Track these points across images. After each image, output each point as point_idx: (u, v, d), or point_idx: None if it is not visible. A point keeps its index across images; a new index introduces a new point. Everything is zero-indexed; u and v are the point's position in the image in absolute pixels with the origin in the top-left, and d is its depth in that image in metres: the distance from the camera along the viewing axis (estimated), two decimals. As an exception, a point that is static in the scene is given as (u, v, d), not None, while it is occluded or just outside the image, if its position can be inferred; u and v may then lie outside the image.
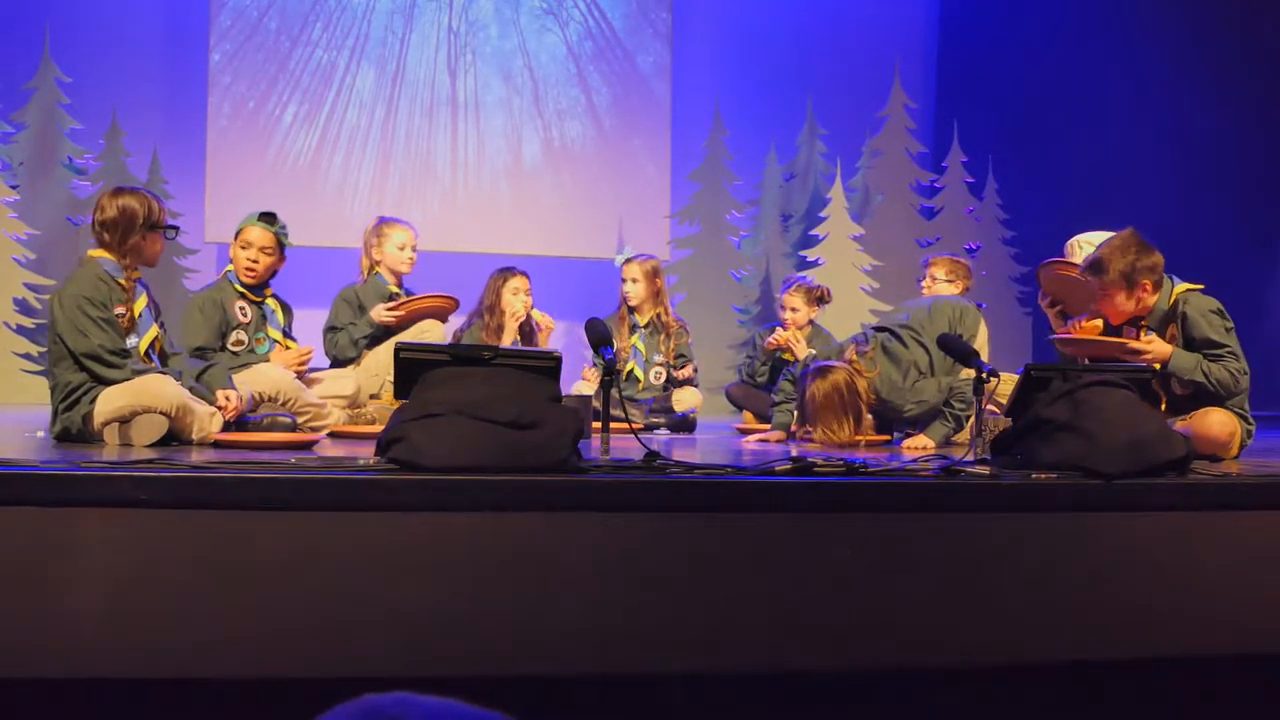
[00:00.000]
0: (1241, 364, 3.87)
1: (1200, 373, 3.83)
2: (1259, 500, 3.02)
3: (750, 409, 5.93)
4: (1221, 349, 3.86)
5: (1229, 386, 3.83)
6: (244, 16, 7.76)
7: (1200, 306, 3.90)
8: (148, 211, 3.81)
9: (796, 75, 8.63)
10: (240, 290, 4.52)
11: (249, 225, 4.54)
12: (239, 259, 4.53)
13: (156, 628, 2.46)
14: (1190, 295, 3.94)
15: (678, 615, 2.65)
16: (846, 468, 2.96)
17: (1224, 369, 3.84)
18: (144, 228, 3.80)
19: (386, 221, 5.36)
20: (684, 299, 8.18)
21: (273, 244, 4.52)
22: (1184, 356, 3.84)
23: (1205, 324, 3.87)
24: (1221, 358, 3.85)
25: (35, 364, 6.96)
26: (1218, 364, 3.84)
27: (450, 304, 5.20)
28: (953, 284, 5.64)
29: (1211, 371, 3.83)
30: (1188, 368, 3.83)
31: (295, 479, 2.59)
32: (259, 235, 4.51)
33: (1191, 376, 3.82)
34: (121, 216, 3.79)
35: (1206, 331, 3.86)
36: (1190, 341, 3.90)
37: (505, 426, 2.74)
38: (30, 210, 7.32)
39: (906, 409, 4.48)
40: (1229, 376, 3.83)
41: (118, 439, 3.56)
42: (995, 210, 8.57)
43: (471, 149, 8.09)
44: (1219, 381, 3.82)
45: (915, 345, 4.51)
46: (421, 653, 2.54)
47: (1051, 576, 2.86)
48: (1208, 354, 3.86)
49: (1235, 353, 3.87)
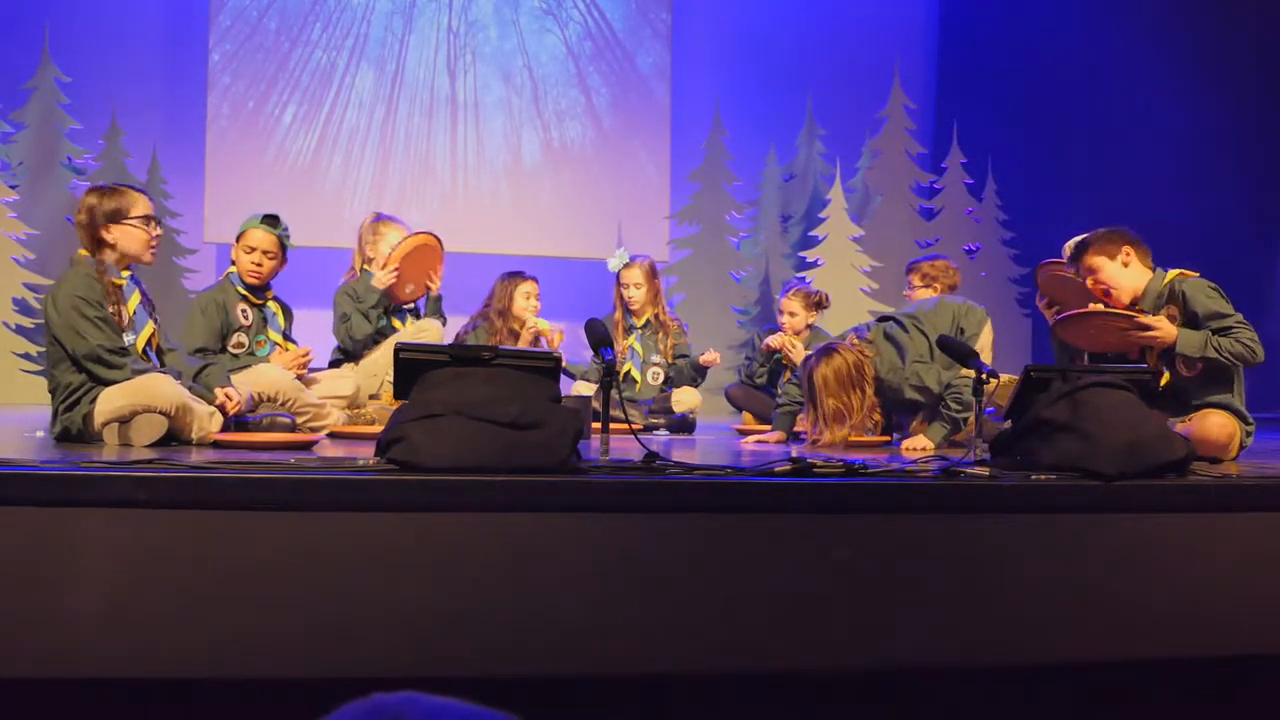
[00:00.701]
0: (1252, 332, 3.74)
1: (1210, 348, 3.71)
2: (1259, 501, 3.02)
3: (750, 409, 5.93)
4: (1228, 318, 3.75)
5: (1246, 357, 3.72)
6: (244, 17, 7.76)
7: (1198, 284, 3.85)
8: (103, 205, 3.77)
9: (796, 76, 8.64)
10: (242, 293, 4.52)
11: (252, 228, 4.52)
12: (243, 262, 4.51)
13: (156, 628, 2.46)
14: (1185, 278, 3.92)
15: (677, 615, 2.65)
16: (846, 469, 2.96)
17: (1234, 340, 3.71)
18: (105, 221, 3.76)
19: (384, 219, 5.35)
20: (684, 299, 8.18)
21: (276, 247, 4.52)
22: (1190, 335, 3.75)
23: (1205, 297, 3.78)
24: (1231, 329, 3.73)
25: (35, 364, 6.97)
26: (1227, 337, 3.73)
27: (431, 239, 5.17)
28: (929, 288, 5.61)
29: (1222, 346, 3.72)
30: (1196, 344, 3.72)
31: (295, 479, 2.59)
32: (262, 238, 4.50)
33: (1202, 354, 3.71)
34: (85, 215, 3.79)
35: (1209, 304, 3.77)
36: (1192, 318, 3.81)
37: (505, 427, 2.74)
38: (30, 210, 7.33)
39: (906, 392, 4.45)
40: (1242, 347, 3.70)
41: (117, 439, 3.56)
42: (995, 211, 8.57)
43: (471, 149, 8.09)
44: (1232, 354, 3.71)
45: (917, 334, 4.50)
46: (421, 653, 2.54)
47: (1051, 577, 2.86)
48: (1214, 327, 3.76)
49: (1244, 321, 3.75)
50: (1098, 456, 2.96)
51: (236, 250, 4.55)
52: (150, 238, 3.85)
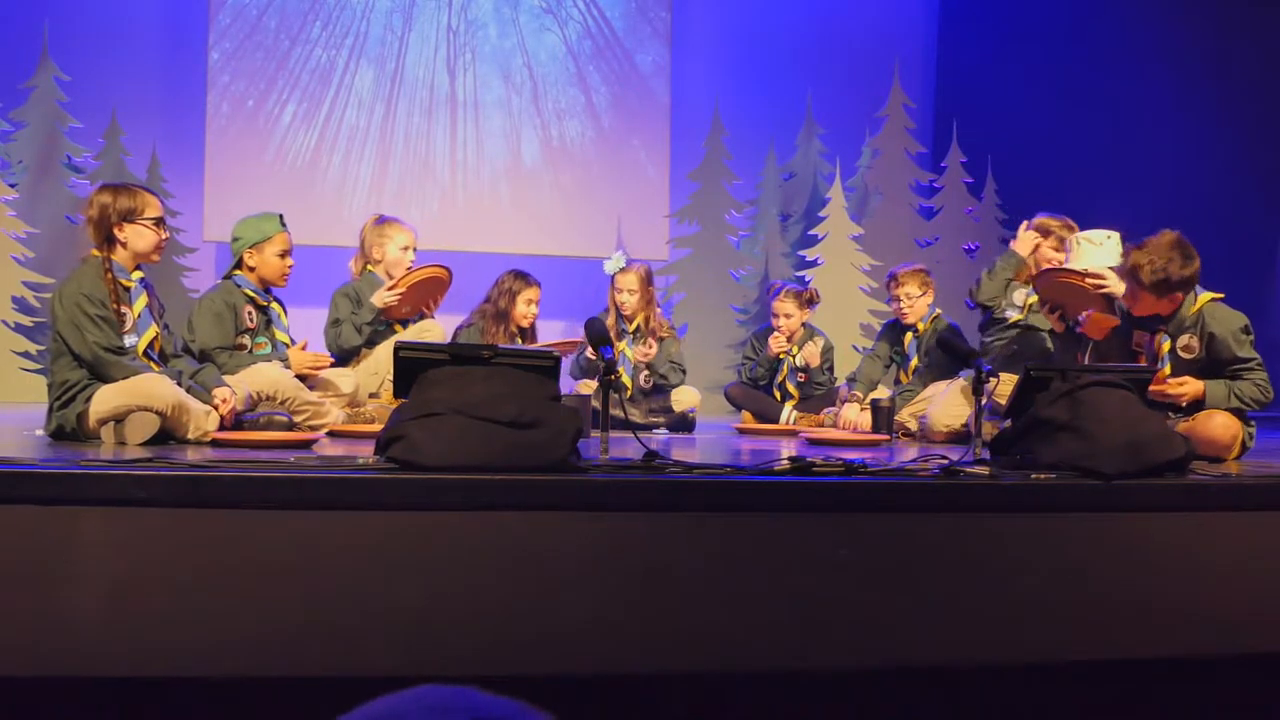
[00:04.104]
0: (1265, 373, 3.91)
1: (1234, 399, 3.86)
2: (1259, 500, 3.02)
3: (749, 409, 5.94)
4: (1249, 362, 3.89)
5: (1260, 400, 3.88)
6: (243, 15, 7.75)
7: (1228, 325, 3.91)
8: (117, 204, 3.79)
9: (796, 75, 8.63)
10: (250, 295, 4.50)
11: (278, 231, 4.48)
12: (276, 265, 4.47)
13: (156, 626, 2.46)
14: (1216, 309, 3.94)
15: (677, 615, 2.65)
16: (846, 468, 2.96)
17: (1253, 384, 3.87)
18: (118, 219, 3.78)
19: (389, 221, 5.31)
20: (683, 298, 8.18)
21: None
22: (1216, 390, 3.86)
23: (1233, 343, 3.89)
24: (1246, 372, 3.88)
25: (34, 362, 6.96)
26: (1245, 381, 3.87)
27: (444, 272, 5.11)
28: (925, 295, 5.68)
29: (1243, 392, 3.87)
30: (1221, 398, 3.85)
31: (295, 478, 2.59)
32: (288, 239, 4.52)
33: (1226, 406, 3.85)
34: (97, 213, 3.80)
35: (1235, 350, 3.89)
36: (1214, 356, 3.90)
37: (505, 426, 2.74)
38: (29, 209, 7.32)
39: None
40: (1258, 391, 3.87)
41: (113, 438, 3.56)
42: (995, 210, 8.56)
43: (471, 148, 8.09)
44: (1251, 399, 3.87)
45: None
46: (421, 651, 2.53)
47: (1051, 576, 2.86)
48: (1233, 370, 3.89)
49: (1260, 363, 3.91)
50: (1098, 456, 2.96)
51: (261, 255, 4.46)
52: (160, 239, 3.89)
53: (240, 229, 4.53)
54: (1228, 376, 3.89)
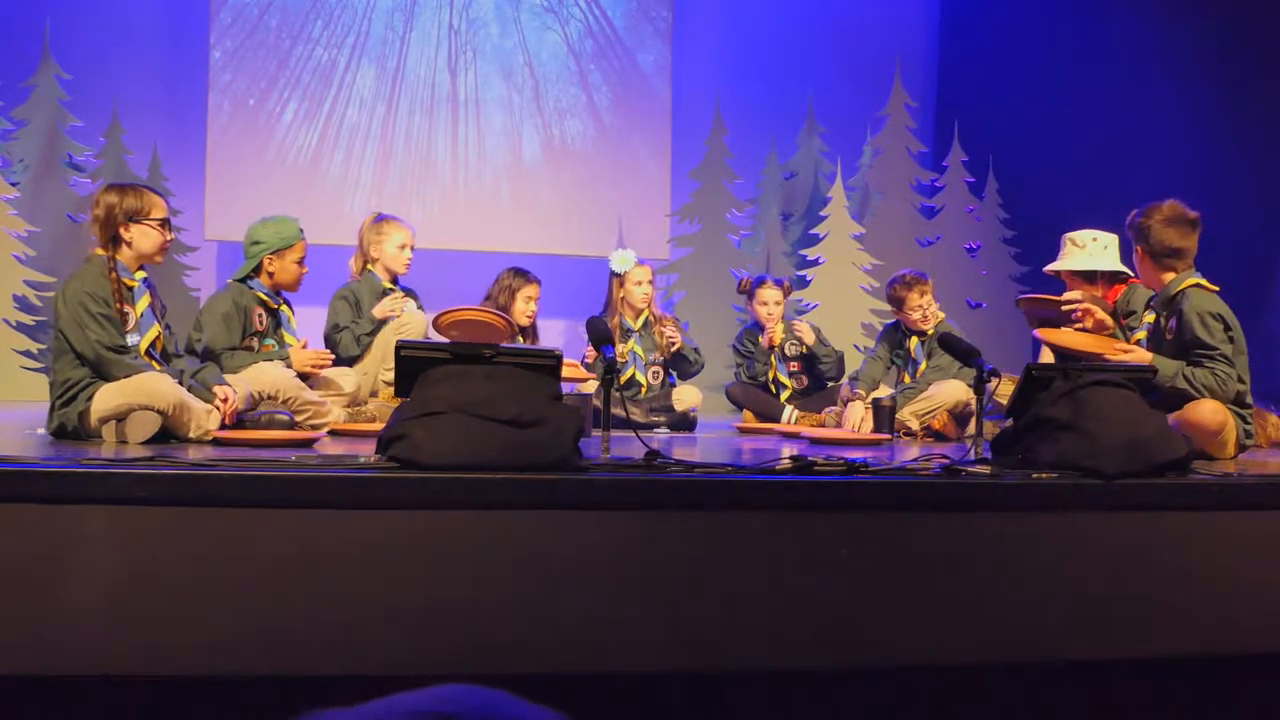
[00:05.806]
0: (1231, 369, 3.83)
1: (1182, 379, 3.81)
2: (1259, 500, 3.02)
3: (750, 407, 5.95)
4: (1211, 351, 3.83)
5: (1215, 390, 3.81)
6: (244, 14, 7.75)
7: (1199, 306, 3.87)
8: (123, 204, 3.80)
9: (797, 74, 8.62)
10: (262, 298, 4.52)
11: (299, 240, 4.57)
12: (293, 272, 4.55)
13: (156, 625, 2.46)
14: (1194, 292, 3.93)
15: (678, 615, 2.65)
16: (847, 467, 2.96)
17: (1210, 373, 3.81)
18: (123, 219, 3.79)
19: (386, 219, 5.30)
20: (684, 297, 8.18)
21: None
22: (1165, 364, 3.83)
23: (1198, 325, 3.84)
24: (1208, 359, 3.83)
25: (35, 361, 6.96)
26: (1202, 368, 3.82)
27: (502, 323, 5.13)
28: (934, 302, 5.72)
29: (1195, 376, 3.82)
30: (1168, 375, 3.81)
31: (296, 477, 2.59)
32: (305, 247, 4.60)
33: (1173, 384, 3.80)
34: (103, 212, 3.82)
35: (1198, 333, 3.84)
36: (1180, 339, 3.89)
37: (506, 425, 2.74)
38: (30, 207, 7.31)
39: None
40: (1215, 381, 3.80)
41: (114, 436, 3.56)
42: (995, 210, 8.56)
43: (472, 147, 8.09)
44: (1204, 385, 3.81)
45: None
46: (422, 650, 2.54)
47: (1051, 576, 2.86)
48: (1195, 355, 3.84)
49: (1227, 357, 3.84)
50: (1099, 455, 2.96)
51: (282, 261, 4.52)
52: (164, 240, 3.91)
53: (261, 233, 4.54)
54: (1189, 361, 3.86)
